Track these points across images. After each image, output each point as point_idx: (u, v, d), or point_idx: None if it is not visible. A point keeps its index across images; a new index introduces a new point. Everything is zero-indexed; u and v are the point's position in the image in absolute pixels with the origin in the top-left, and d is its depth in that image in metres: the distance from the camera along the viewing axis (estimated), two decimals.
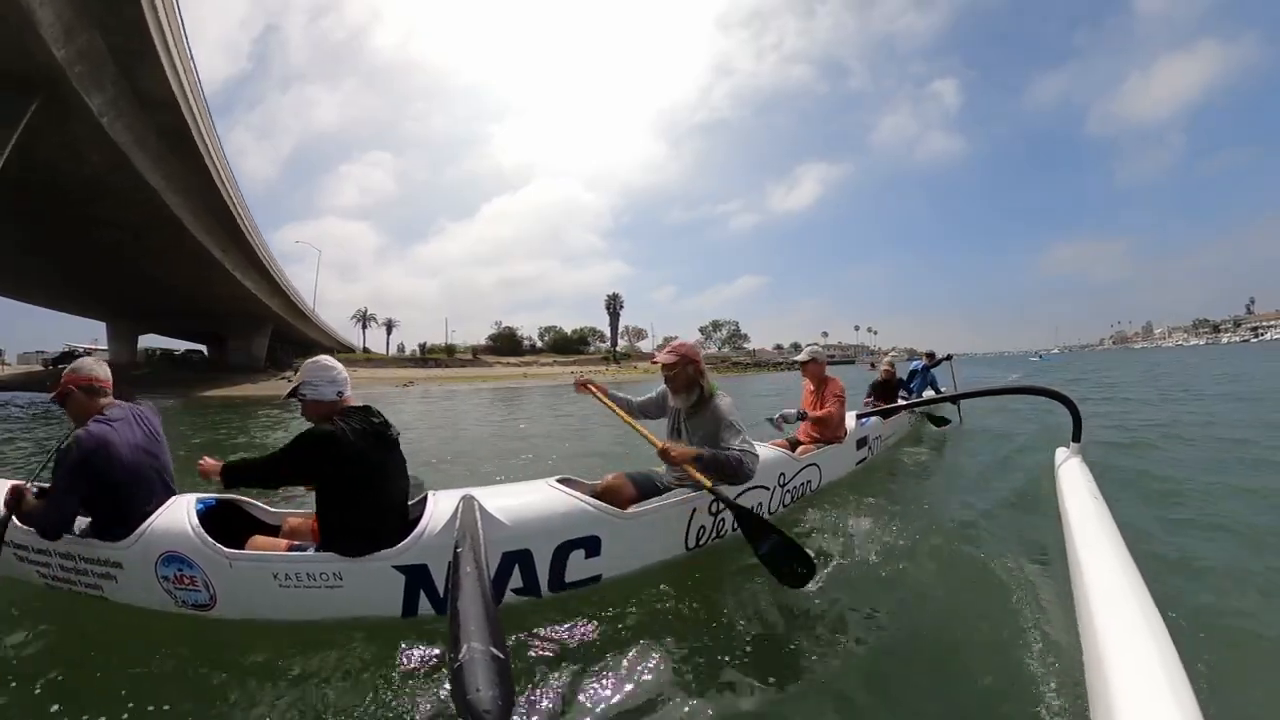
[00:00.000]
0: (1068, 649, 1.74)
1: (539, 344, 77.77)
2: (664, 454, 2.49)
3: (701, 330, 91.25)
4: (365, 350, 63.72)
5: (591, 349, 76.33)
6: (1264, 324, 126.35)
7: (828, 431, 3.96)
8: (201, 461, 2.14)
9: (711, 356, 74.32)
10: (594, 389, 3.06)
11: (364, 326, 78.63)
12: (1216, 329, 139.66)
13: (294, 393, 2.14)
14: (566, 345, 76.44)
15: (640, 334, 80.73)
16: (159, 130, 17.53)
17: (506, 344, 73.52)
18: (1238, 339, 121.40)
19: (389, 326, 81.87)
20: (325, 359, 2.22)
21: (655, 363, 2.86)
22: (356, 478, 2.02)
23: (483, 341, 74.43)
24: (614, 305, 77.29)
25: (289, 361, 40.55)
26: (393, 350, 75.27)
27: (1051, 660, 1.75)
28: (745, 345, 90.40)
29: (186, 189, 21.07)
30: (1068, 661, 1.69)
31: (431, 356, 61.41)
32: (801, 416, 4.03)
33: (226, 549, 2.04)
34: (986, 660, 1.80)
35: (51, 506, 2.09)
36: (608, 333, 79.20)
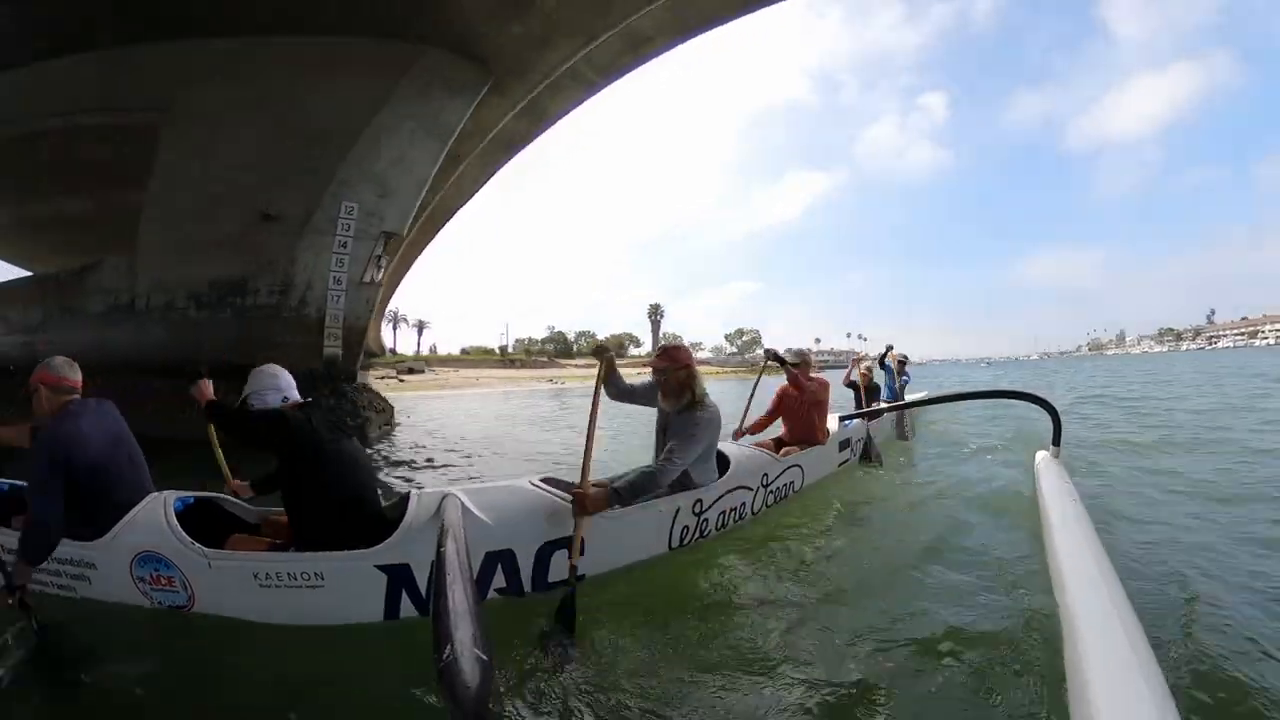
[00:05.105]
0: (1049, 647, 1.79)
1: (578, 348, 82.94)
2: (579, 502, 2.22)
3: (727, 338, 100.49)
4: (393, 352, 60.90)
5: (629, 354, 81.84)
6: (1217, 334, 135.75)
7: (810, 433, 4.03)
8: (201, 383, 2.28)
9: (736, 361, 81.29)
10: (606, 364, 2.75)
11: (395, 327, 76.79)
12: (1179, 337, 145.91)
13: (243, 403, 2.21)
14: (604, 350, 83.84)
15: (677, 339, 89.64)
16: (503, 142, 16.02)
17: (560, 347, 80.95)
18: (1195, 347, 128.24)
19: (420, 327, 79.73)
20: (269, 368, 2.26)
21: (646, 366, 2.82)
22: (308, 458, 2.07)
23: (504, 345, 78.80)
24: (655, 315, 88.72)
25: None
26: (424, 351, 74.83)
27: (1032, 658, 1.81)
28: (758, 350, 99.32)
29: (456, 190, 18.95)
30: (1049, 659, 1.74)
31: (513, 358, 66.67)
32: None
33: (206, 548, 2.02)
34: (968, 657, 1.85)
35: (39, 508, 1.95)
36: (638, 336, 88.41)
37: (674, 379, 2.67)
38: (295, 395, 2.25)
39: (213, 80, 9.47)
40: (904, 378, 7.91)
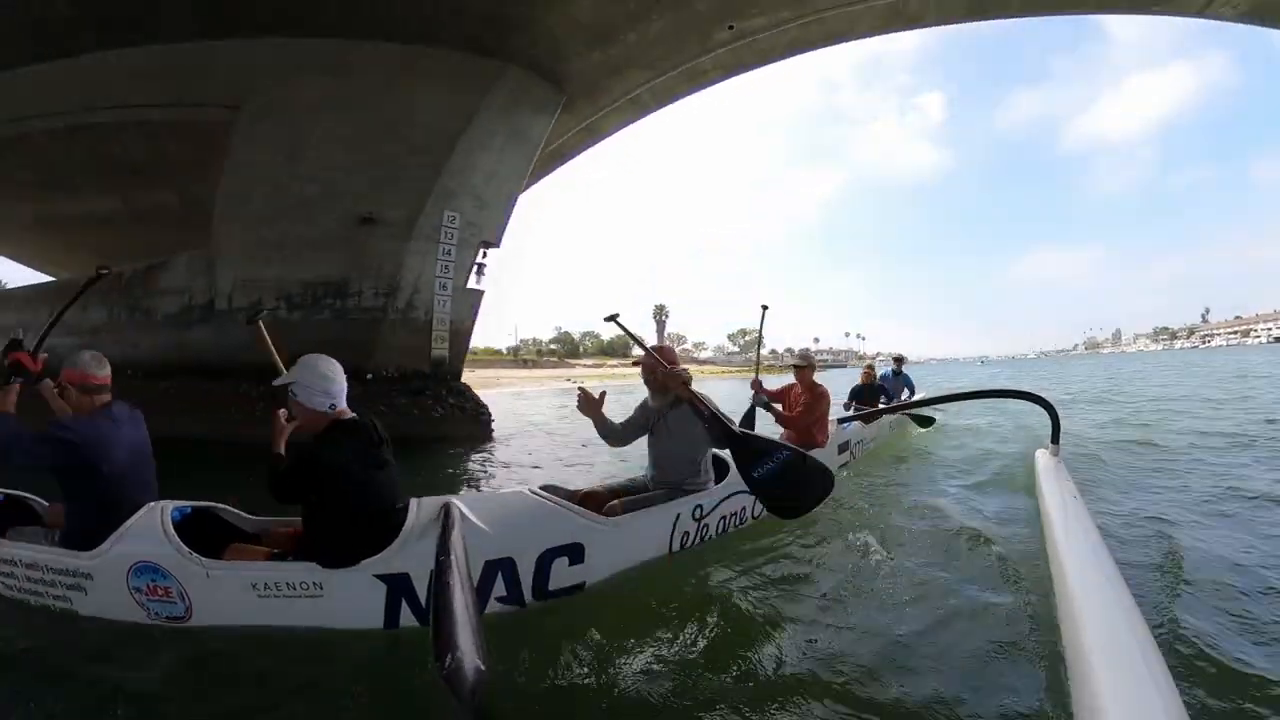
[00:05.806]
0: (1050, 644, 1.80)
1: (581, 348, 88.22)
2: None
3: (730, 337, 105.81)
4: None
5: (633, 353, 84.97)
6: (1210, 333, 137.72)
7: (809, 436, 4.04)
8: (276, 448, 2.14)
9: (739, 361, 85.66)
10: (595, 410, 2.86)
11: None
12: (1174, 336, 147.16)
13: (284, 385, 2.05)
14: (610, 350, 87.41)
15: (682, 339, 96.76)
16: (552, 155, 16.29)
17: (567, 347, 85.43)
18: (1189, 345, 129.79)
19: None
20: (324, 362, 2.04)
21: (635, 364, 3.03)
22: (341, 495, 2.00)
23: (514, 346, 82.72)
24: (660, 315, 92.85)
25: None
26: None
27: (1035, 655, 1.81)
28: (761, 349, 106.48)
29: None
30: (1051, 656, 1.75)
31: (526, 358, 70.46)
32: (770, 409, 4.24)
33: (203, 558, 2.00)
34: (971, 654, 1.86)
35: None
36: (641, 337, 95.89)
37: (664, 373, 2.83)
38: (343, 404, 2.07)
39: (296, 79, 9.26)
40: (900, 378, 7.89)
